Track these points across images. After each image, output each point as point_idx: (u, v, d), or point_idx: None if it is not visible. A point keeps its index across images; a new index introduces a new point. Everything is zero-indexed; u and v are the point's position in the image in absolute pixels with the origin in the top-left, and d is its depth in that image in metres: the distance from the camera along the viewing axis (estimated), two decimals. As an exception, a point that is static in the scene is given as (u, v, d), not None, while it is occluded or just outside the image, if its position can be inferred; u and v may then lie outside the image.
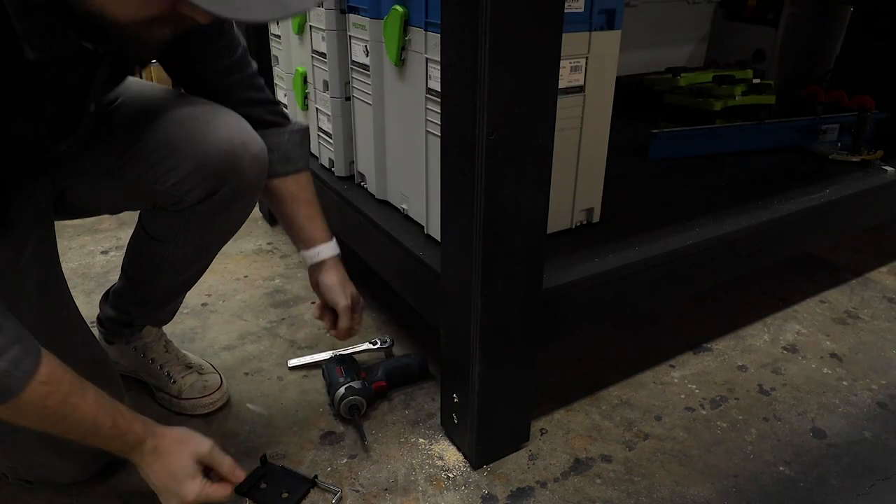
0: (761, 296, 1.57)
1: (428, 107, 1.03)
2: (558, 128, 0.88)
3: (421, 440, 1.10)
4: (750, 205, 1.28)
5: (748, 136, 1.62)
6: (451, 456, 1.06)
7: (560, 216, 1.14)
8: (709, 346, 1.38)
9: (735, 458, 1.07)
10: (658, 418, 1.16)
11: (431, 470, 1.04)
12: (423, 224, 1.14)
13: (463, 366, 0.97)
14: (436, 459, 1.06)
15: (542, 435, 1.11)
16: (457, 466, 1.04)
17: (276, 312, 1.47)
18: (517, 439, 1.08)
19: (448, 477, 1.02)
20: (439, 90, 0.89)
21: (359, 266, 1.22)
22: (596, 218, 1.19)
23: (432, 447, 1.08)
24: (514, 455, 1.07)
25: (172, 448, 0.86)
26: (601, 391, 1.23)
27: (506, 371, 0.98)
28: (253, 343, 1.36)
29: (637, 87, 1.92)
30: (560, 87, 0.96)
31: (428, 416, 1.15)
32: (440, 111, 0.89)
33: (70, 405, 0.78)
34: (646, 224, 1.18)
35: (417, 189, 1.13)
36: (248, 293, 1.55)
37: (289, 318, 1.45)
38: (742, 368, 1.31)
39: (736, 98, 1.69)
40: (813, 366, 1.32)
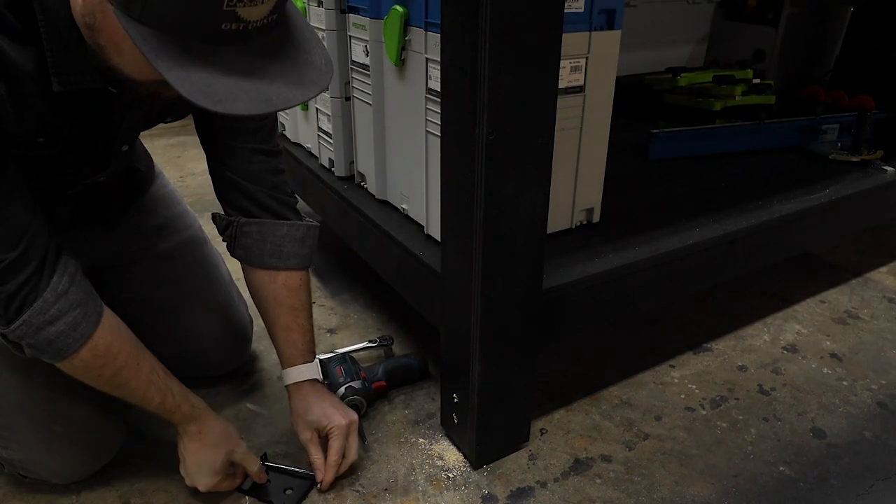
0: (761, 296, 1.57)
1: (428, 107, 1.03)
2: (558, 128, 0.88)
3: (421, 440, 1.10)
4: (750, 205, 1.28)
5: (748, 136, 1.62)
6: (451, 456, 1.06)
7: (560, 216, 1.14)
8: (709, 346, 1.38)
9: (735, 458, 1.07)
10: (658, 418, 1.16)
11: (431, 470, 1.04)
12: (423, 224, 1.14)
13: (463, 366, 0.97)
14: (436, 459, 1.06)
15: (542, 435, 1.11)
16: (457, 466, 1.04)
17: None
18: (517, 439, 1.08)
19: (448, 477, 1.02)
20: (439, 90, 0.89)
21: (359, 266, 1.22)
22: (596, 218, 1.19)
23: (432, 447, 1.08)
24: (514, 455, 1.07)
25: (214, 441, 0.93)
26: (601, 391, 1.23)
27: (506, 371, 0.98)
28: (253, 343, 1.35)
29: (637, 87, 1.92)
30: (560, 87, 0.96)
31: (428, 416, 1.15)
32: (440, 111, 0.89)
33: (123, 377, 0.84)
34: (646, 224, 1.18)
35: (417, 189, 1.13)
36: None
37: (289, 318, 1.45)
38: (742, 368, 1.31)
39: (736, 98, 1.69)
40: (813, 366, 1.32)
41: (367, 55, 1.18)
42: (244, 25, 0.59)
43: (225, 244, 1.03)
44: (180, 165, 2.34)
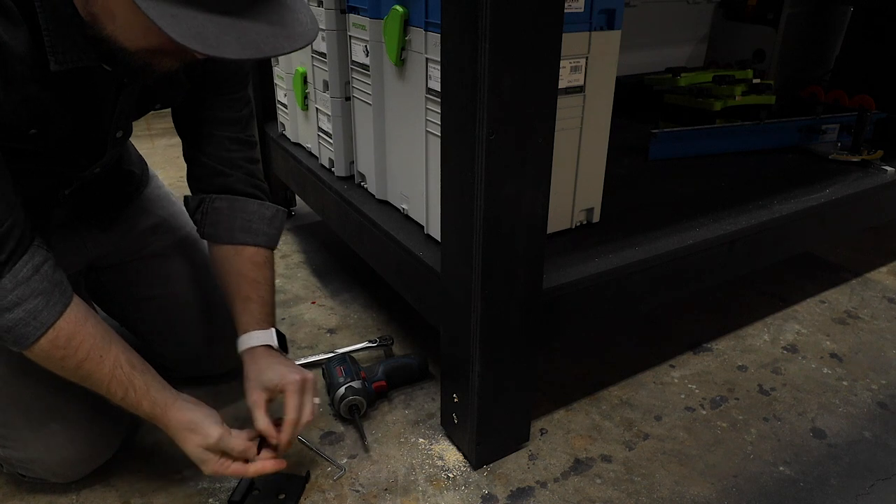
0: (761, 296, 1.57)
1: (428, 107, 1.03)
2: (558, 128, 0.88)
3: (421, 440, 1.10)
4: (750, 205, 1.28)
5: (748, 136, 1.62)
6: (451, 456, 1.06)
7: (560, 216, 1.14)
8: (709, 346, 1.38)
9: (735, 458, 1.07)
10: (658, 418, 1.16)
11: (431, 470, 1.04)
12: (423, 224, 1.14)
13: (463, 366, 0.97)
14: (436, 459, 1.06)
15: (542, 435, 1.11)
16: (457, 466, 1.04)
17: (276, 312, 1.47)
18: (517, 439, 1.08)
19: (448, 477, 1.02)
20: (439, 90, 0.89)
21: (359, 266, 1.22)
22: (596, 218, 1.19)
23: (432, 447, 1.08)
24: (514, 455, 1.07)
25: (181, 434, 0.88)
26: (601, 391, 1.23)
27: (506, 371, 0.98)
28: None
29: (637, 87, 1.92)
30: (560, 87, 0.96)
31: (428, 416, 1.15)
32: (440, 111, 0.89)
33: (85, 370, 0.82)
34: (646, 224, 1.18)
35: (417, 189, 1.13)
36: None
37: (289, 318, 1.45)
38: (742, 368, 1.31)
39: (736, 98, 1.69)
40: (813, 366, 1.32)
41: (367, 55, 1.18)
42: None
43: (196, 229, 1.04)
44: (180, 165, 2.34)
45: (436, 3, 0.94)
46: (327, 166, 1.45)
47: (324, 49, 1.32)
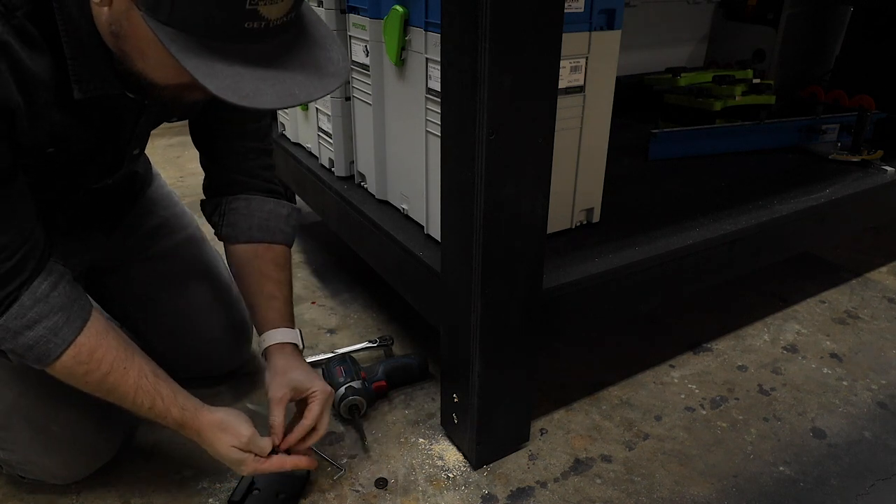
0: (761, 296, 1.57)
1: (428, 107, 1.03)
2: (558, 128, 0.88)
3: (421, 440, 1.10)
4: (750, 205, 1.28)
5: (748, 136, 1.62)
6: (451, 456, 1.06)
7: (560, 216, 1.14)
8: (709, 346, 1.38)
9: (735, 458, 1.07)
10: (658, 418, 1.16)
11: (431, 470, 1.04)
12: (423, 224, 1.14)
13: (463, 366, 0.97)
14: (436, 459, 1.06)
15: (542, 435, 1.11)
16: (457, 466, 1.04)
17: (276, 312, 1.47)
18: (517, 439, 1.08)
19: (448, 477, 1.02)
20: (439, 90, 0.89)
21: (359, 266, 1.22)
22: (596, 218, 1.19)
23: (432, 447, 1.08)
24: (514, 455, 1.07)
25: (214, 436, 0.88)
26: (601, 391, 1.23)
27: (506, 371, 0.98)
28: (253, 343, 1.35)
29: (637, 87, 1.92)
30: (560, 87, 0.96)
31: (428, 416, 1.15)
32: (440, 111, 0.89)
33: (110, 383, 0.82)
34: (646, 224, 1.18)
35: (417, 189, 1.13)
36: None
37: (289, 318, 1.45)
38: (742, 368, 1.31)
39: (736, 98, 1.69)
40: (813, 366, 1.32)
41: (367, 55, 1.18)
42: (265, 24, 0.62)
43: (214, 231, 1.05)
44: (180, 165, 2.34)
45: (436, 3, 0.94)
46: (327, 166, 1.45)
47: (324, 49, 1.31)
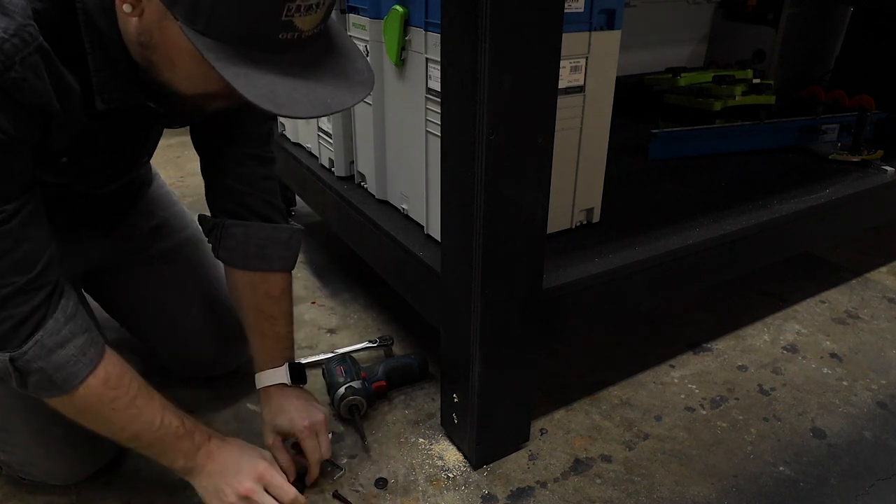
0: (761, 296, 1.57)
1: (428, 107, 1.03)
2: (558, 128, 0.88)
3: (421, 440, 1.10)
4: (750, 205, 1.28)
5: (748, 136, 1.62)
6: (451, 456, 1.06)
7: (560, 216, 1.14)
8: (709, 346, 1.38)
9: (735, 458, 1.07)
10: (658, 418, 1.16)
11: (431, 470, 1.04)
12: (423, 224, 1.14)
13: (463, 366, 0.97)
14: (436, 459, 1.06)
15: (542, 435, 1.11)
16: (457, 466, 1.04)
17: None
18: (517, 439, 1.08)
19: (448, 477, 1.02)
20: (439, 90, 0.89)
21: (359, 266, 1.22)
22: (596, 218, 1.19)
23: (432, 447, 1.08)
24: (514, 455, 1.07)
25: (239, 444, 0.91)
26: (601, 391, 1.23)
27: (506, 371, 0.98)
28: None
29: (637, 87, 1.92)
30: (560, 87, 0.96)
31: (428, 416, 1.15)
32: (440, 111, 0.89)
33: (137, 406, 0.81)
34: (646, 224, 1.18)
35: (417, 189, 1.13)
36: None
37: (289, 318, 1.45)
38: (742, 368, 1.31)
39: (736, 98, 1.69)
40: (813, 366, 1.32)
41: (367, 55, 1.18)
42: (299, 34, 0.63)
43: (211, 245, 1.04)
44: (180, 165, 2.34)
45: (436, 3, 0.94)
46: (327, 166, 1.45)
47: (324, 49, 1.31)
